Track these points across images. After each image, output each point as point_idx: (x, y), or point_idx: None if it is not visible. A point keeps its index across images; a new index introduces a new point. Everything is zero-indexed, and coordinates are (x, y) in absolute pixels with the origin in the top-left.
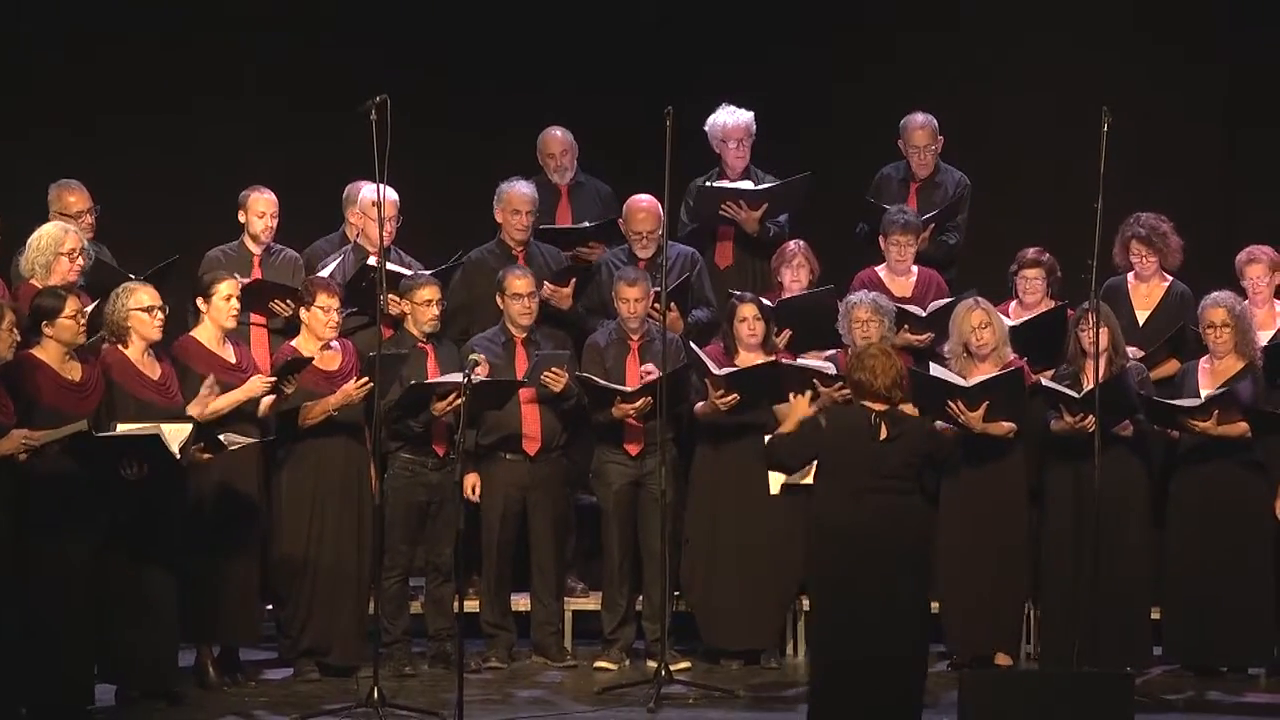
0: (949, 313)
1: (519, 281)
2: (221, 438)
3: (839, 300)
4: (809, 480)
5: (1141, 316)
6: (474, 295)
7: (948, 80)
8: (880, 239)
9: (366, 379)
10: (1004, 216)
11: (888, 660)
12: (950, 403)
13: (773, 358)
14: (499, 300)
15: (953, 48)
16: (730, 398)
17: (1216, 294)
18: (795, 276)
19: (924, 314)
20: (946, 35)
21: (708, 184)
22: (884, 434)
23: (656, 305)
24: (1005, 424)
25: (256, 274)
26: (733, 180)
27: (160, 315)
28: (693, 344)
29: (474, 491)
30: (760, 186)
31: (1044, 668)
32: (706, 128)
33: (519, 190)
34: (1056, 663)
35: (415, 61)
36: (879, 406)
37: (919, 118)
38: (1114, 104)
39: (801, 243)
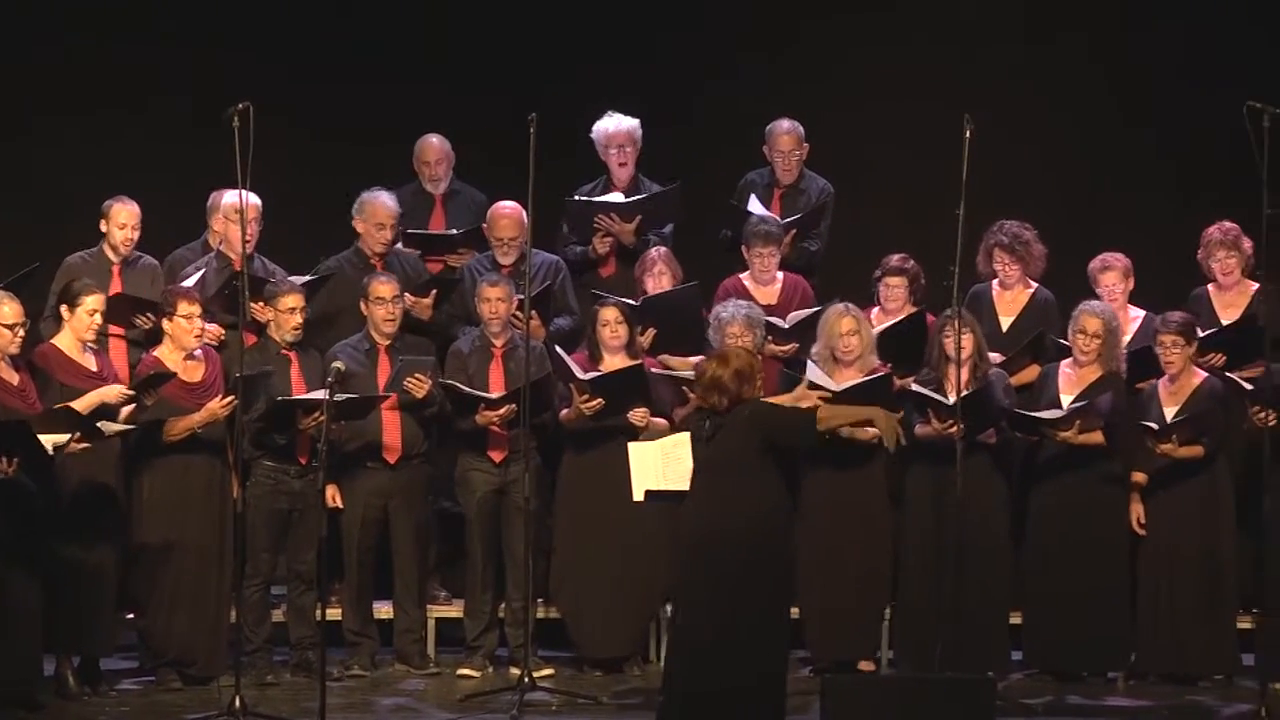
0: (812, 323)
1: (383, 287)
2: (99, 425)
3: (707, 310)
4: (674, 486)
5: (1005, 323)
6: (334, 304)
7: (814, 87)
8: (744, 248)
9: (231, 397)
10: (868, 223)
11: (744, 665)
12: None
13: (636, 362)
14: (363, 306)
15: (818, 54)
16: (595, 402)
17: (1093, 302)
18: (658, 284)
19: (786, 326)
20: (812, 42)
21: (578, 197)
22: (709, 434)
23: (519, 313)
24: (870, 429)
25: (116, 282)
26: (619, 188)
27: (22, 332)
28: (558, 348)
29: (335, 499)
30: (630, 199)
31: (905, 673)
32: (592, 134)
33: (382, 203)
34: (917, 668)
35: (281, 67)
36: (724, 406)
37: (784, 124)
38: (977, 111)
39: (663, 249)
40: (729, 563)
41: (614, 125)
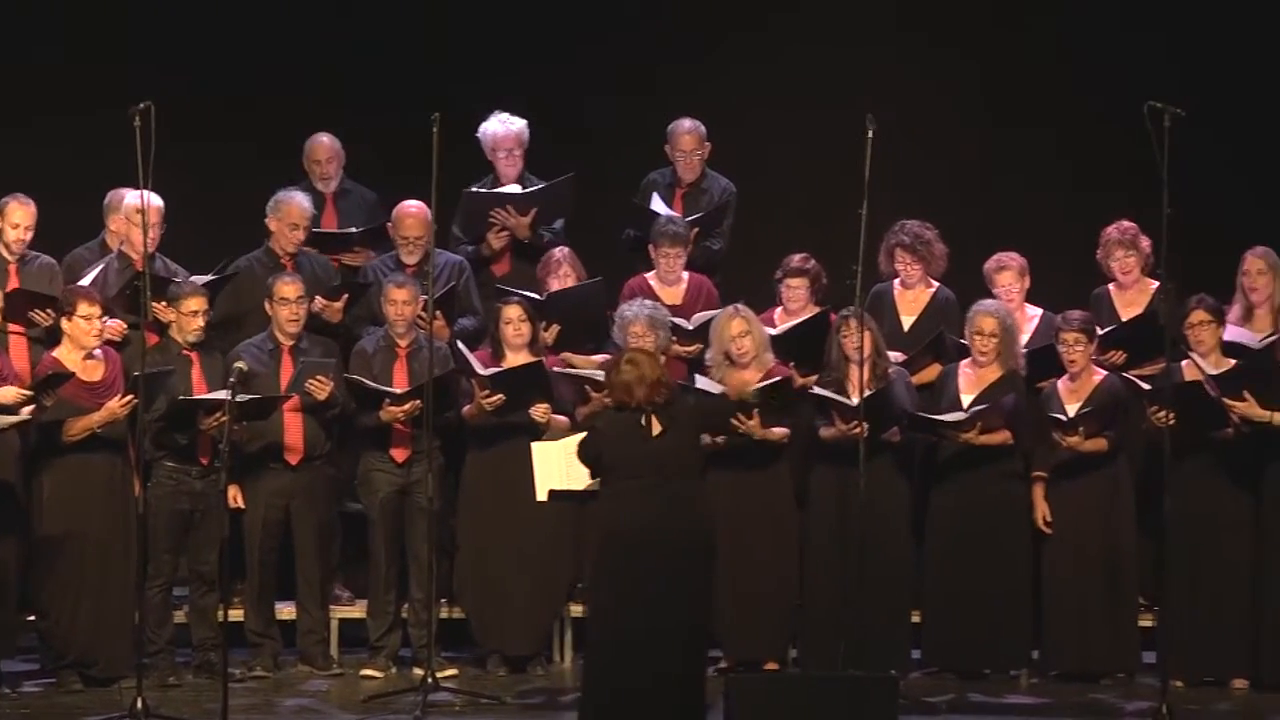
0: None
1: (288, 287)
2: None
3: (612, 309)
4: (578, 486)
5: (907, 322)
6: (242, 305)
7: (716, 87)
8: (650, 248)
9: (131, 396)
10: (771, 224)
11: (662, 664)
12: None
13: (537, 359)
14: (267, 306)
15: (721, 55)
16: (495, 398)
17: (987, 302)
18: (561, 284)
19: (691, 327)
20: (716, 42)
21: (472, 189)
22: (656, 430)
23: (424, 313)
24: (779, 430)
25: (13, 280)
26: (505, 185)
27: None
28: (460, 344)
29: (237, 500)
30: (525, 190)
31: (808, 672)
32: (479, 135)
33: (298, 203)
34: (821, 667)
35: (181, 68)
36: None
37: (686, 123)
38: (880, 111)
39: (566, 249)
40: (686, 566)
41: (503, 129)
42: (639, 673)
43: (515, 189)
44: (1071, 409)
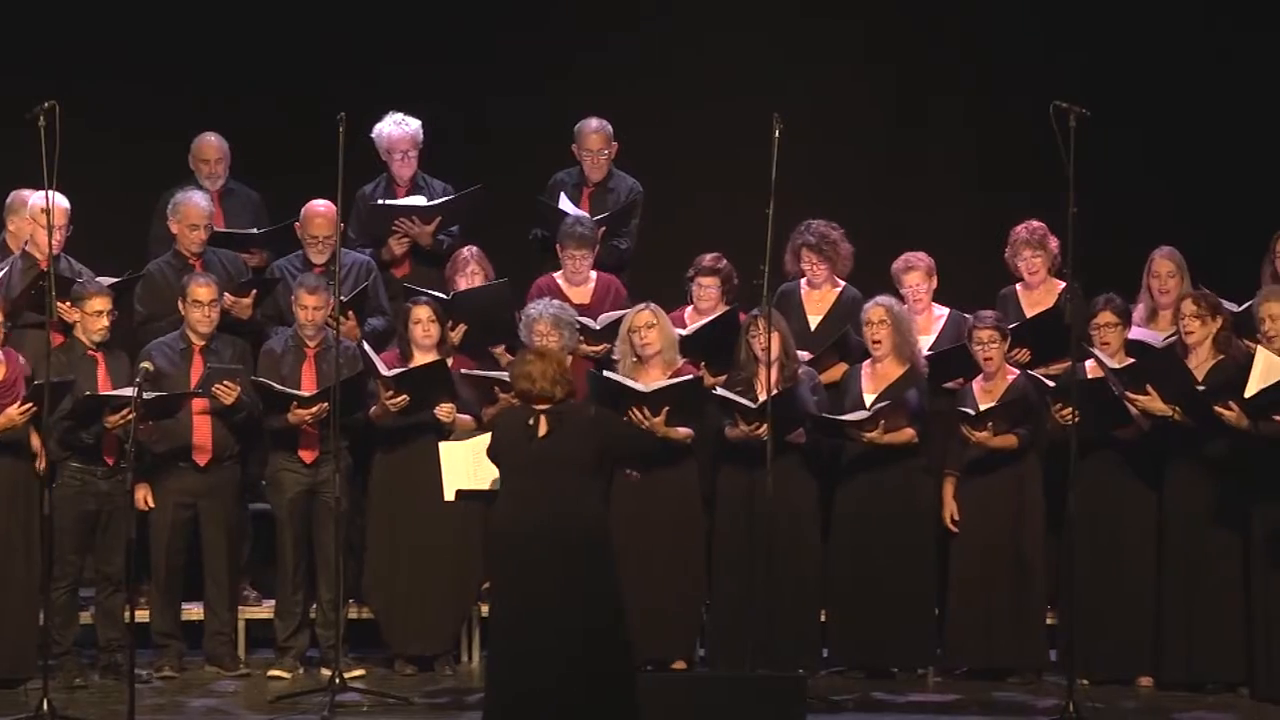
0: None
1: (202, 290)
2: None
3: (520, 310)
4: (486, 486)
5: (814, 322)
6: (155, 305)
7: (624, 87)
8: (557, 248)
9: (30, 404)
10: (679, 223)
11: (564, 664)
12: (634, 408)
13: (441, 359)
14: (180, 306)
15: (628, 53)
16: (399, 398)
17: (877, 297)
18: (470, 282)
19: (598, 327)
20: (624, 42)
21: (381, 202)
22: (543, 430)
23: (332, 314)
24: (683, 430)
25: None
26: (402, 187)
27: None
28: (366, 346)
29: (145, 502)
30: (434, 202)
31: (716, 672)
32: (373, 136)
33: (195, 203)
34: (729, 667)
35: (87, 67)
36: (543, 407)
37: (593, 123)
38: (788, 109)
39: (474, 248)
40: (571, 563)
41: (398, 130)
42: (537, 673)
43: (420, 200)
44: (994, 405)
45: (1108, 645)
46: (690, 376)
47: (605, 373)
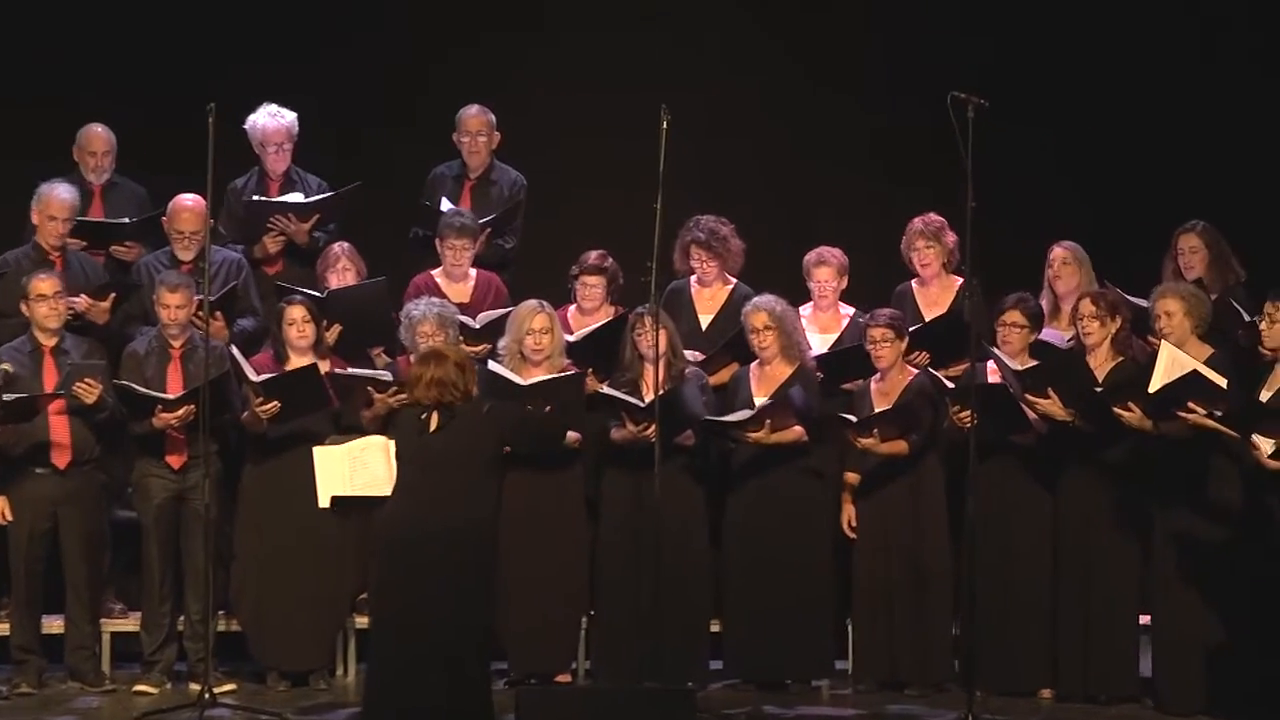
0: (503, 324)
1: (43, 283)
2: None
3: (397, 309)
4: (362, 492)
5: (704, 321)
6: (8, 305)
7: (506, 77)
8: (437, 242)
9: None
10: (561, 218)
11: (442, 665)
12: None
13: (312, 362)
14: (23, 306)
15: (511, 43)
16: (270, 405)
17: (759, 298)
18: (342, 280)
19: (478, 325)
20: (504, 30)
21: (256, 198)
22: (433, 425)
23: (200, 314)
24: (570, 433)
25: None
26: (275, 181)
27: None
28: (234, 349)
29: (4, 514)
30: (312, 200)
31: (603, 684)
32: (247, 128)
33: (58, 195)
34: (616, 679)
35: None
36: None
37: (474, 108)
38: (677, 100)
39: (346, 244)
40: (449, 563)
41: (272, 122)
42: (412, 670)
43: (297, 197)
44: (881, 409)
45: (1008, 656)
46: (571, 372)
47: (490, 364)
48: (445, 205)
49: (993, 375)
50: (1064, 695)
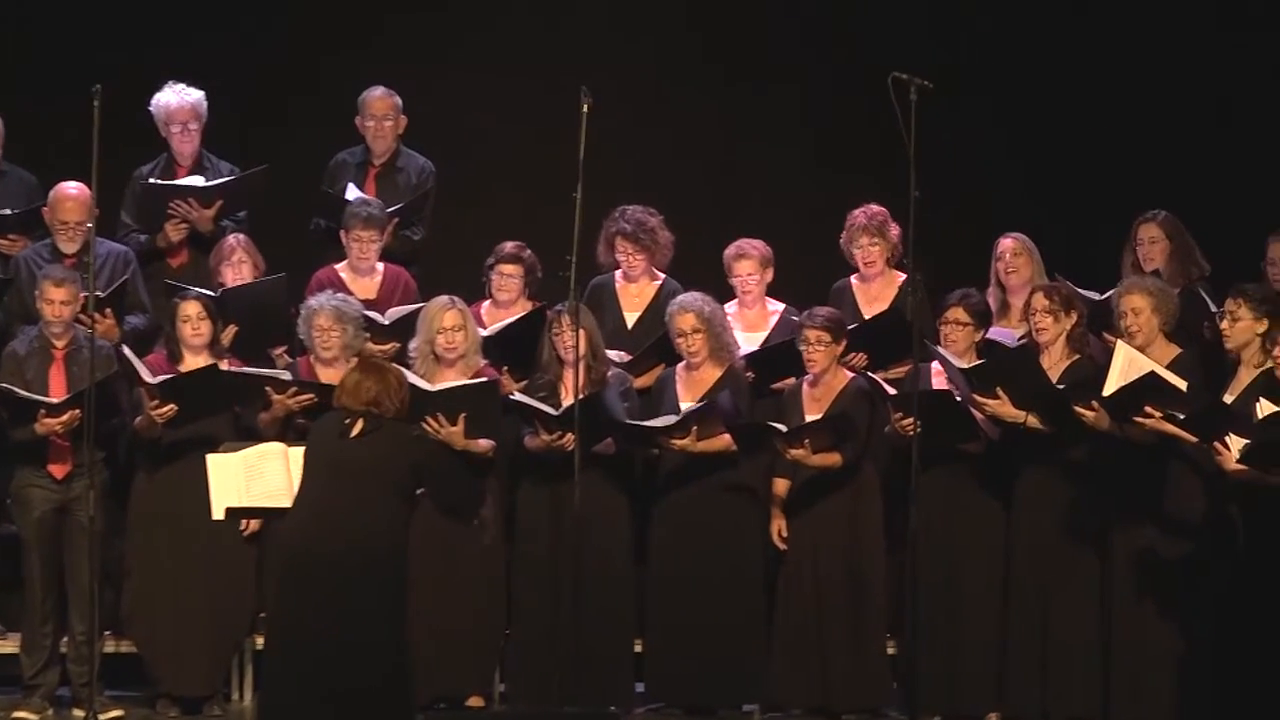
0: (414, 320)
1: None
2: None
3: (298, 308)
4: (259, 503)
5: (631, 319)
6: None
7: (415, 59)
8: (342, 234)
9: None
10: (474, 208)
11: (346, 692)
12: (429, 418)
13: (213, 362)
14: None
15: (420, 25)
16: (166, 408)
17: (683, 297)
18: (238, 274)
19: (387, 322)
20: (415, 14)
21: (152, 180)
22: (356, 431)
23: (85, 311)
24: (484, 442)
25: None
26: (183, 166)
27: None
28: (126, 349)
29: None
30: (211, 183)
31: (519, 708)
32: (151, 108)
33: None
34: (533, 702)
35: None
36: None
37: (378, 90)
38: (598, 82)
39: (242, 236)
40: (357, 581)
41: (176, 100)
42: (310, 690)
43: (197, 180)
44: (813, 415)
45: (953, 678)
46: (484, 379)
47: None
48: (351, 193)
49: (937, 378)
50: (1013, 718)
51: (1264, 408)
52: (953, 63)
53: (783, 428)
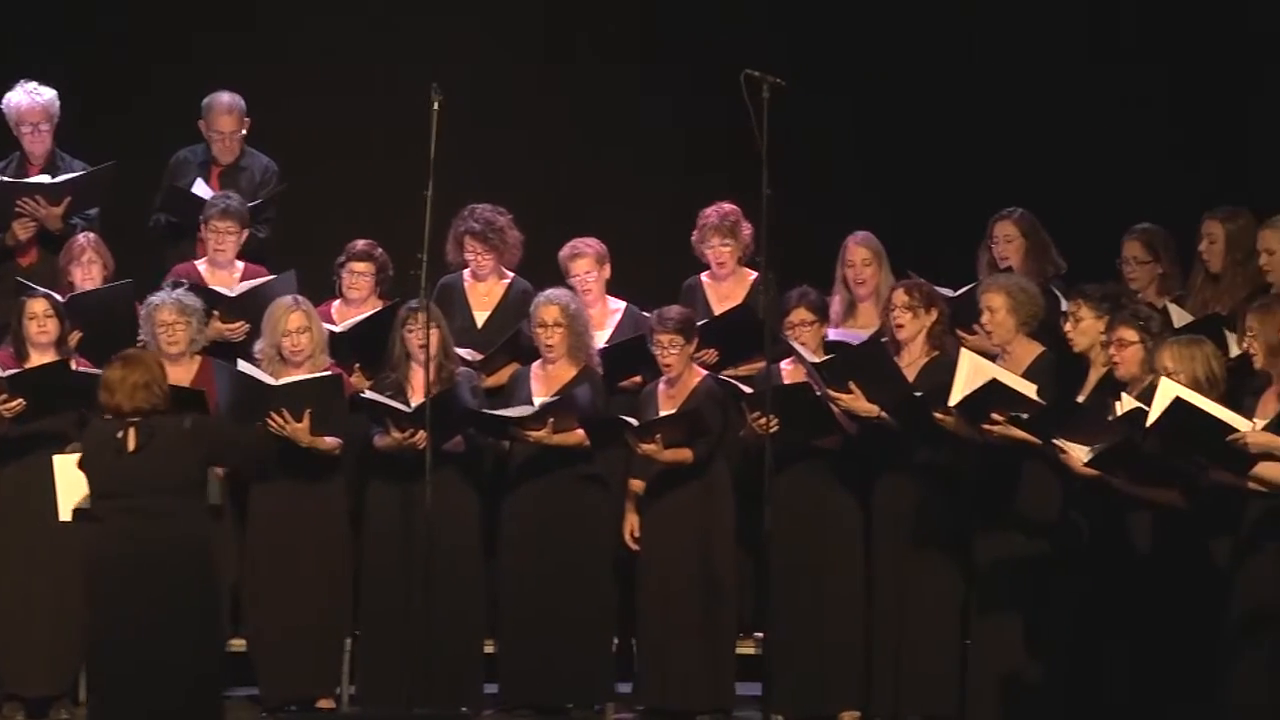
0: (260, 296)
1: None
2: None
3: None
4: None
5: (480, 318)
6: None
7: (262, 54)
8: (201, 227)
9: None
10: (325, 207)
11: (161, 699)
12: (272, 414)
13: (62, 358)
14: None
15: (267, 20)
16: (15, 403)
17: (550, 290)
18: (87, 274)
19: (233, 294)
20: (262, 8)
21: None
22: (131, 445)
23: None
24: (330, 439)
25: None
26: (35, 165)
27: None
28: None
29: None
30: (59, 179)
31: (369, 710)
32: (2, 108)
33: None
34: (383, 704)
35: None
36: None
37: (224, 99)
38: (448, 80)
39: (92, 235)
40: (164, 592)
41: (27, 100)
42: (130, 709)
43: (45, 179)
44: (665, 414)
45: (809, 678)
46: (327, 373)
47: (240, 364)
48: (200, 188)
49: (791, 375)
50: (872, 718)
51: (1125, 403)
52: (806, 60)
53: (635, 422)
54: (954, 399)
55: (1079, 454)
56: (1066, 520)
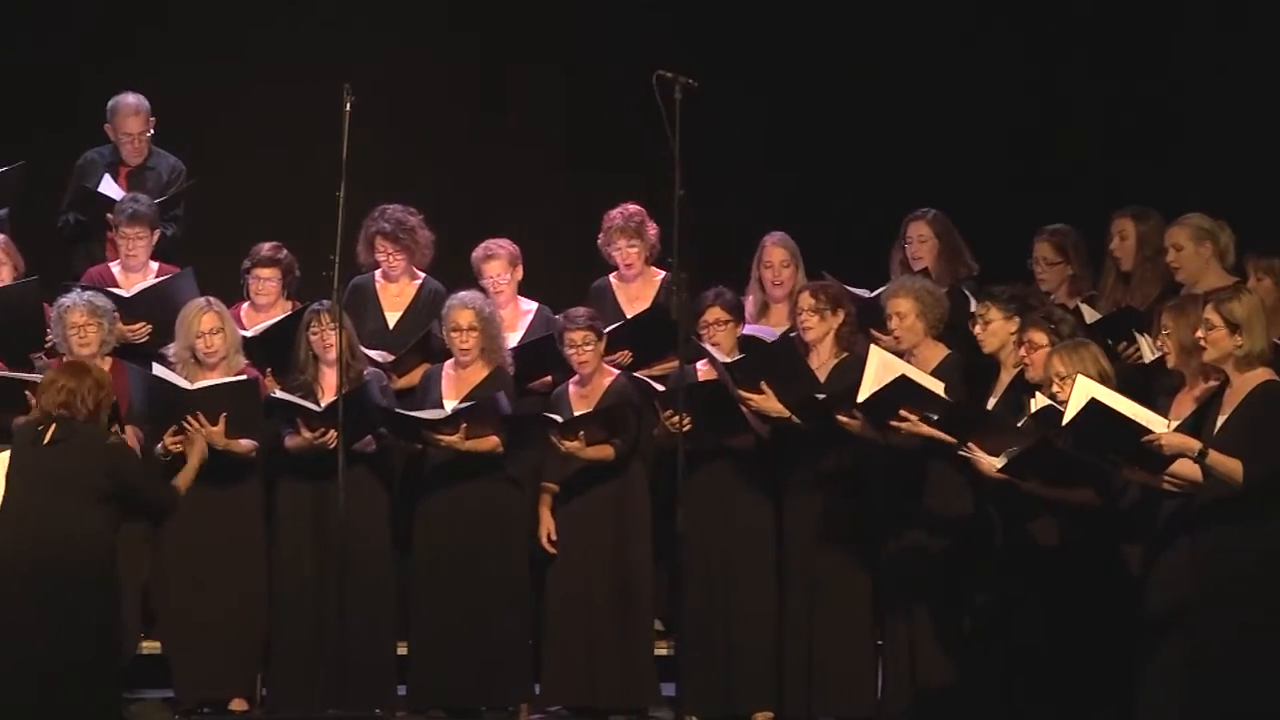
0: (158, 295)
1: None
2: None
3: (48, 301)
4: None
5: (392, 319)
6: None
7: (165, 50)
8: (111, 229)
9: None
10: (234, 208)
11: (54, 698)
12: (189, 417)
13: None
14: None
15: (177, 16)
16: None
17: (463, 293)
18: None
19: (128, 295)
20: (167, 13)
21: None
22: (48, 437)
23: None
24: (245, 442)
25: None
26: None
27: None
28: None
29: None
30: None
31: (282, 711)
32: None
33: None
34: (296, 706)
35: None
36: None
37: (130, 101)
38: (359, 80)
39: (2, 237)
40: (61, 594)
41: None
42: (20, 707)
43: None
44: (585, 412)
45: (723, 678)
46: (243, 376)
47: (155, 369)
48: (108, 186)
49: (705, 374)
50: (786, 718)
51: (1038, 401)
52: (718, 59)
53: (558, 418)
54: (863, 395)
55: (990, 461)
56: (978, 517)
